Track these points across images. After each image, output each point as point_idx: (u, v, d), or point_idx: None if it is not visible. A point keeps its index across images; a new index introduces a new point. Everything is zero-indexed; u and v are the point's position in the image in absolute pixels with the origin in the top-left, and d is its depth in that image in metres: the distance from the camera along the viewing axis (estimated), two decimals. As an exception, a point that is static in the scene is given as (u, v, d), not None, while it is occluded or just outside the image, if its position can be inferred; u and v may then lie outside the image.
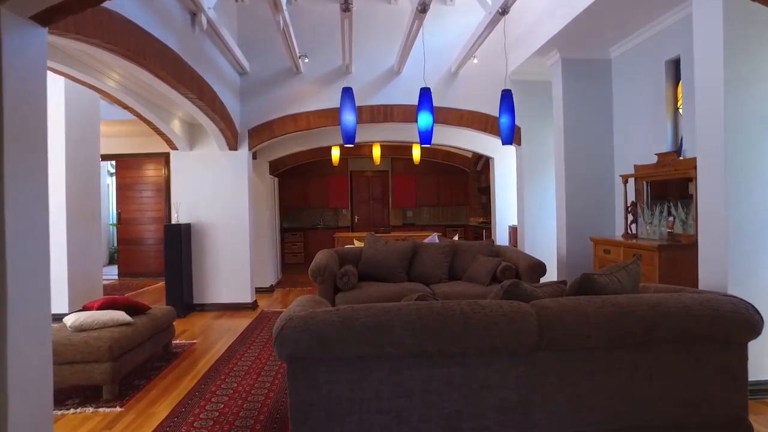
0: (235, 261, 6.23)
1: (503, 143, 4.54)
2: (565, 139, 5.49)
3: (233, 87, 6.02)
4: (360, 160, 11.02)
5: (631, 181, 4.98)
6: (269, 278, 7.74)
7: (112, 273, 9.71)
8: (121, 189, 9.40)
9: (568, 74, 5.49)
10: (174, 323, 4.38)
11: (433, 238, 6.29)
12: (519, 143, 6.60)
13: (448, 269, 5.38)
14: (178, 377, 3.76)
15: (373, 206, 11.15)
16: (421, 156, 9.16)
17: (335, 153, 8.85)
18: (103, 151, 9.11)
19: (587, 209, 5.52)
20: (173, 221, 6.03)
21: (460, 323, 2.15)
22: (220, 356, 4.32)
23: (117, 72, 4.22)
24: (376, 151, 8.82)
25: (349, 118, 4.26)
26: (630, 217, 4.94)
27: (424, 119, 4.32)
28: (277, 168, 9.89)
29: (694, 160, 3.54)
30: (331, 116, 6.28)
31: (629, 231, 4.89)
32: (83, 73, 3.88)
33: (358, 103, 6.27)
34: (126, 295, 7.53)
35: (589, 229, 5.49)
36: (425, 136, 4.35)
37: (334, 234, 9.58)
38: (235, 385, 3.58)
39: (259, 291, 7.46)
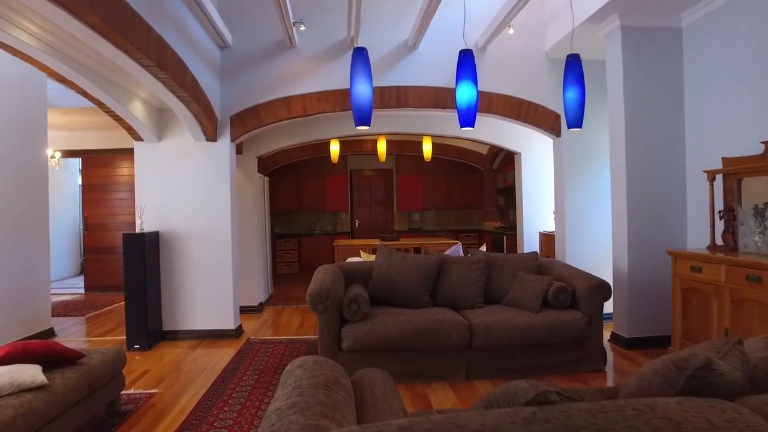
0: (215, 278, 5.07)
1: (570, 126, 3.42)
2: (627, 127, 4.38)
3: (212, 63, 4.86)
4: (361, 158, 9.88)
5: (719, 178, 3.89)
6: (258, 294, 6.57)
7: (78, 286, 8.49)
8: (89, 190, 8.19)
9: (629, 46, 4.38)
10: (123, 371, 3.21)
11: (457, 248, 5.16)
12: (557, 134, 5.50)
13: (483, 290, 4.26)
14: (119, 460, 2.60)
15: (375, 209, 10.01)
16: (431, 152, 8.03)
17: (334, 148, 7.71)
18: (66, 147, 7.96)
19: (655, 214, 4.42)
20: (137, 229, 4.85)
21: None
22: (187, 415, 3.16)
23: (32, 20, 3.05)
24: (382, 146, 7.69)
25: (362, 89, 3.13)
26: (720, 225, 3.84)
27: (466, 92, 3.20)
28: (267, 166, 8.71)
29: None
30: (332, 99, 5.14)
31: (724, 242, 3.78)
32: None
33: (365, 85, 5.14)
34: (87, 315, 6.33)
35: (658, 239, 4.38)
36: (467, 116, 3.23)
37: (333, 242, 8.44)
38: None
39: (245, 311, 6.29)
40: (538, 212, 6.79)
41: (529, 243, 6.76)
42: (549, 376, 3.77)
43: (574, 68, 3.26)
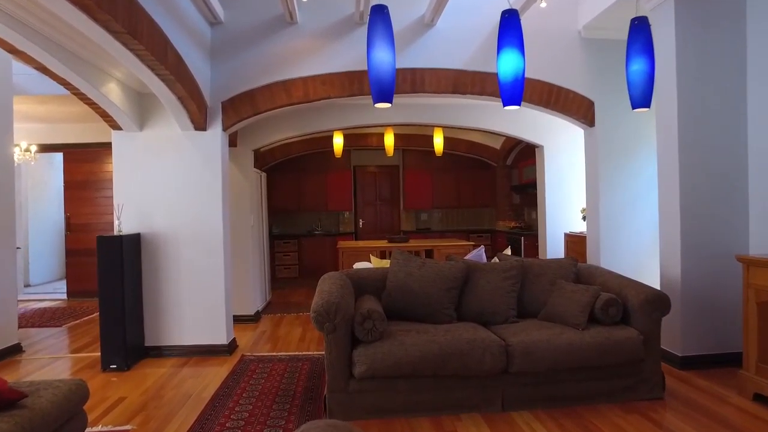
0: (205, 286, 4.45)
1: (635, 106, 2.81)
2: (680, 113, 3.77)
3: (200, 41, 4.25)
4: (365, 154, 9.26)
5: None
6: (254, 302, 5.96)
7: (62, 290, 7.87)
8: (71, 188, 7.56)
9: (684, 18, 3.76)
10: (90, 404, 2.60)
11: (479, 252, 4.55)
12: (591, 123, 4.89)
13: (516, 302, 3.65)
14: None
15: (381, 208, 9.39)
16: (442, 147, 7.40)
17: (338, 142, 7.10)
18: (45, 140, 7.33)
19: (713, 212, 3.81)
20: (115, 230, 4.23)
21: None
22: (163, 462, 2.55)
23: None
24: (389, 140, 7.07)
25: (382, 56, 2.51)
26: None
27: (511, 62, 2.59)
28: (265, 161, 8.10)
29: None
30: (338, 83, 4.52)
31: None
32: None
33: (375, 67, 4.53)
34: (66, 324, 5.71)
35: (717, 241, 3.79)
36: (512, 91, 2.62)
37: (336, 243, 7.82)
38: None
39: (240, 321, 5.69)
40: (562, 211, 6.19)
41: (553, 245, 6.16)
42: (600, 405, 3.16)
43: (640, 34, 2.65)
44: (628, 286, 3.45)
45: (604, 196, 4.84)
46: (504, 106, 2.74)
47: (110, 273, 3.97)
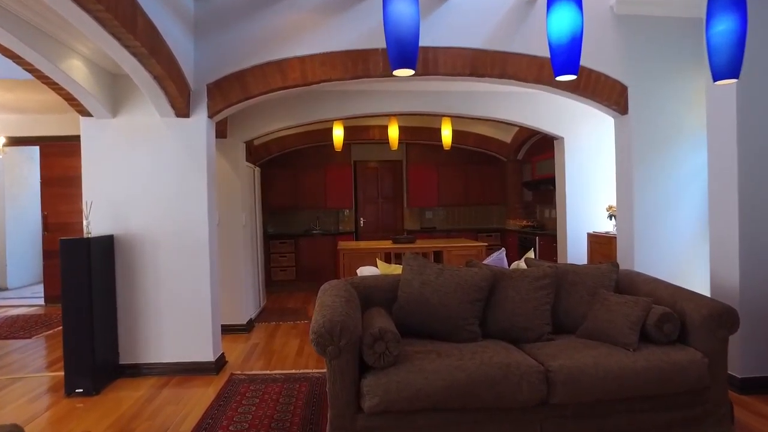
0: (189, 294, 3.90)
1: (718, 77, 2.26)
2: (739, 93, 3.24)
3: (182, 13, 3.68)
4: (367, 148, 8.70)
5: None
6: (246, 310, 5.41)
7: (39, 295, 7.30)
8: (48, 184, 6.98)
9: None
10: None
11: (500, 256, 4.01)
12: (623, 110, 4.35)
13: (551, 315, 3.12)
14: None
15: (383, 206, 8.83)
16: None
17: (338, 134, 6.54)
18: (18, 132, 6.74)
19: (779, 211, 3.28)
20: (84, 232, 3.66)
21: None
22: None
23: None
24: (393, 132, 6.51)
25: (402, 8, 1.95)
26: None
27: (565, 18, 2.04)
28: (259, 155, 7.54)
29: None
30: (340, 63, 3.97)
31: None
32: None
33: (381, 45, 3.99)
34: (38, 335, 5.15)
35: (784, 246, 3.26)
36: (567, 56, 2.08)
37: (336, 244, 7.28)
38: None
39: (230, 331, 5.14)
40: (585, 209, 5.65)
41: (575, 246, 5.63)
42: (658, 443, 2.63)
43: (726, -14, 2.10)
44: (686, 299, 2.92)
45: (638, 192, 4.30)
46: (556, 75, 2.20)
47: (76, 281, 3.41)
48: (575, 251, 5.63)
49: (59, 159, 6.89)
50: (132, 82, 3.65)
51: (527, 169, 7.95)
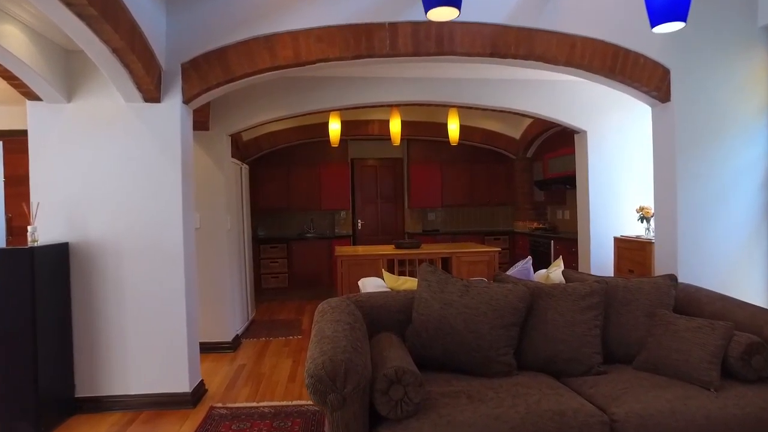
0: (160, 312, 3.29)
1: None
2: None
3: (150, -23, 3.07)
4: (365, 144, 8.09)
5: None
6: (232, 325, 4.79)
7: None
8: (12, 183, 6.29)
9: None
10: None
11: (526, 267, 3.42)
12: (664, 97, 3.79)
13: (600, 342, 2.54)
14: None
15: (382, 207, 8.23)
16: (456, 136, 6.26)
17: (334, 127, 5.93)
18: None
19: None
20: (29, 240, 3.03)
21: None
22: None
23: None
24: (395, 125, 5.91)
25: None
26: None
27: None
28: (248, 152, 6.92)
29: None
30: (341, 40, 3.37)
31: None
32: None
33: (389, 19, 3.40)
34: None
35: None
36: (664, 8, 1.48)
37: (332, 248, 6.70)
38: None
39: (213, 350, 4.54)
40: (611, 210, 5.09)
41: (599, 252, 5.07)
42: None
43: None
44: (773, 322, 2.35)
45: (682, 191, 3.73)
46: (653, 26, 1.62)
47: (16, 300, 2.78)
48: (600, 258, 5.06)
49: (25, 156, 6.21)
50: (91, 60, 3.03)
51: (538, 167, 7.39)
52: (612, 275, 4.87)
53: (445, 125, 6.38)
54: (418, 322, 2.53)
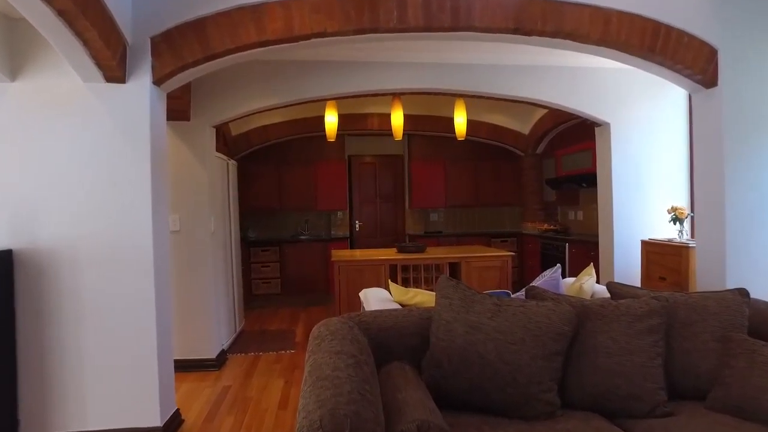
0: (126, 331, 2.78)
1: None
2: None
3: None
4: (363, 140, 7.60)
5: None
6: (217, 338, 4.28)
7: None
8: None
9: None
10: None
11: (555, 275, 2.94)
12: (710, 82, 3.33)
13: (663, 374, 2.05)
14: None
15: (381, 207, 7.73)
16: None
17: (330, 120, 5.42)
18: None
19: None
20: (-36, 246, 2.51)
21: None
22: None
23: None
24: (397, 118, 5.41)
25: None
26: None
27: None
28: (238, 148, 6.41)
29: None
30: (339, 11, 2.87)
31: None
32: None
33: (396, -13, 2.90)
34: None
35: None
36: None
37: (328, 251, 6.19)
38: None
39: (195, 368, 4.03)
40: (637, 211, 4.61)
41: (624, 257, 4.59)
42: None
43: None
44: None
45: (732, 188, 3.27)
46: None
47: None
48: (624, 263, 4.58)
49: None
50: (40, 36, 2.50)
51: (549, 164, 6.91)
52: (639, 283, 4.40)
53: (449, 119, 5.89)
54: (438, 349, 2.03)
